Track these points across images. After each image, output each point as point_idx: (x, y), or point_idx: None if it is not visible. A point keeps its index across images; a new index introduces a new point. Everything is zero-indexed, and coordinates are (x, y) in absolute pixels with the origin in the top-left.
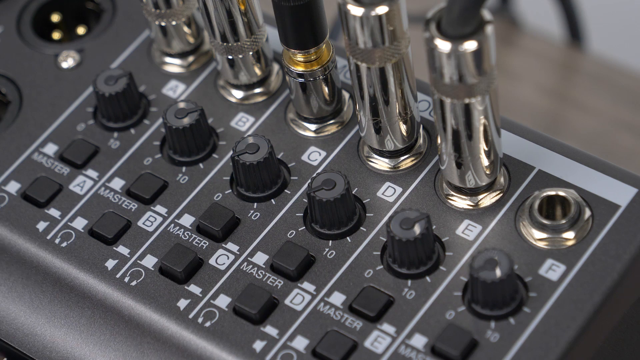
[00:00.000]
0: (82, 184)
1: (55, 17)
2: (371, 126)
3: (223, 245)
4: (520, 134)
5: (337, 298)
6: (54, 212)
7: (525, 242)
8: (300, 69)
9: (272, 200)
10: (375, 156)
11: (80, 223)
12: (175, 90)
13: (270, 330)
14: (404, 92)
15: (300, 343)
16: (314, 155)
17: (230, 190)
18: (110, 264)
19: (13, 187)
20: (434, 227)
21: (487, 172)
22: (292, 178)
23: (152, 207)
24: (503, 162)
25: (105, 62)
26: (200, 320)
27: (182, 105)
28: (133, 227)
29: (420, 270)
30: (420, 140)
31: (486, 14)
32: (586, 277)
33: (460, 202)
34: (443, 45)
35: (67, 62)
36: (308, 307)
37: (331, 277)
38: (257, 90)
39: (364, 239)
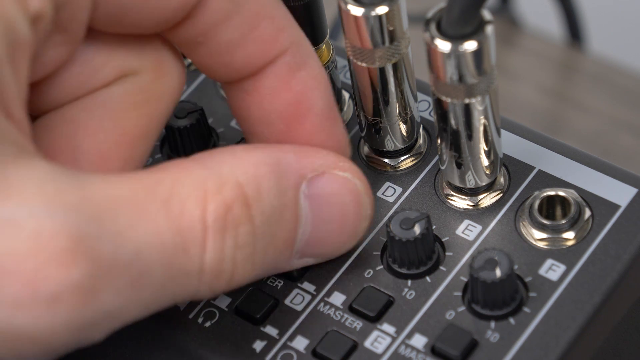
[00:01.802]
0: None
1: None
2: (371, 126)
3: None
4: (520, 134)
5: (337, 298)
6: None
7: (525, 242)
8: None
9: None
10: (375, 156)
11: None
12: None
13: (270, 330)
14: (404, 92)
15: (300, 343)
16: None
17: None
18: None
19: None
20: (434, 227)
21: (487, 172)
22: None
23: None
24: (503, 162)
25: None
26: (200, 320)
27: (182, 105)
28: None
29: (420, 270)
30: (420, 140)
31: (486, 14)
32: (586, 277)
33: (460, 202)
34: (443, 45)
35: None
36: (308, 307)
37: (331, 277)
38: None
39: (364, 239)
